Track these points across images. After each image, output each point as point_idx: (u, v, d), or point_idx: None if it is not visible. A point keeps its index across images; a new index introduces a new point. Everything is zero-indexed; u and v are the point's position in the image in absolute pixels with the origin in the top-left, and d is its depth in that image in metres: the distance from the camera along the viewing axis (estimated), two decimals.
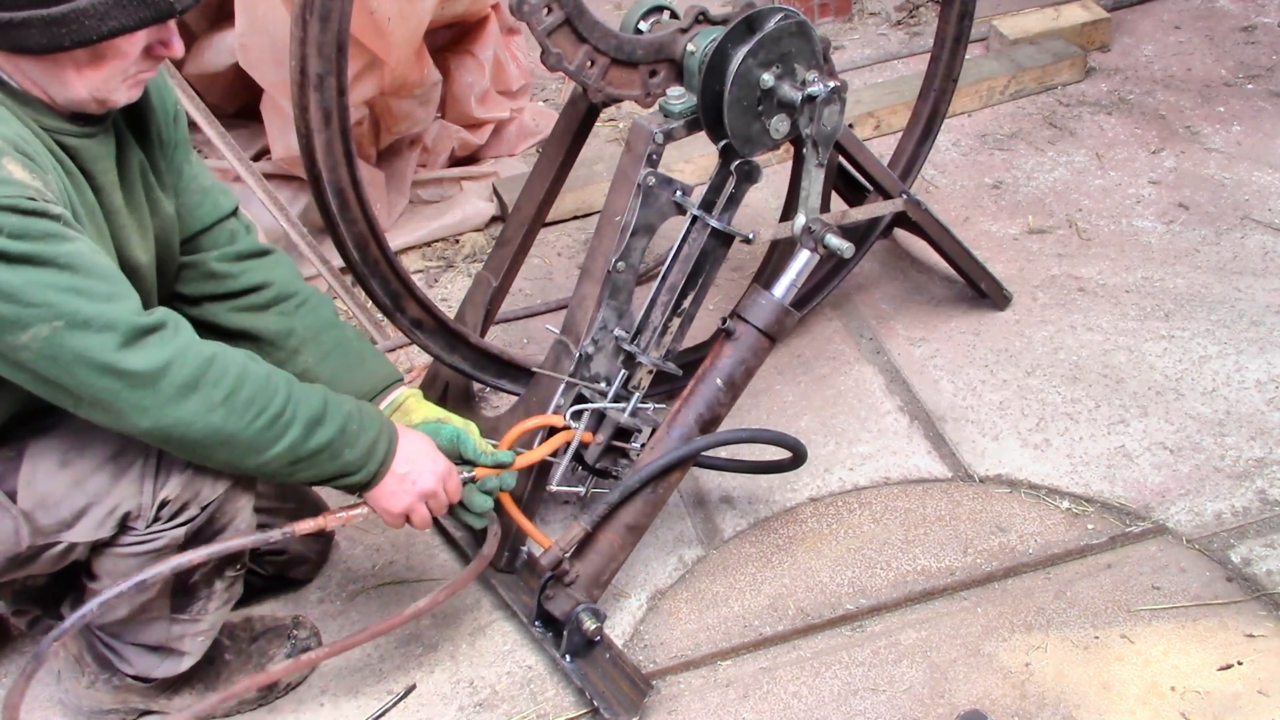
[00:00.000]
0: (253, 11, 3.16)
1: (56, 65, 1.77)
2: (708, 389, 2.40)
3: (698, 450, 2.39)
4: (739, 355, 2.41)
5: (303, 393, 1.94)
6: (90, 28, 1.72)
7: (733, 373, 2.41)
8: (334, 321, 2.28)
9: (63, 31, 1.71)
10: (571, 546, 2.29)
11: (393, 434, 2.06)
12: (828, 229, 2.44)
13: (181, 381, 1.79)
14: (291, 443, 1.91)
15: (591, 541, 2.33)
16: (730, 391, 2.41)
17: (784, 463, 2.52)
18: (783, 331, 2.43)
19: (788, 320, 2.43)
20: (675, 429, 2.39)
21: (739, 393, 2.43)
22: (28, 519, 1.93)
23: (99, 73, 1.79)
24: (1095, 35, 4.16)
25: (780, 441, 2.48)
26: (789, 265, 2.45)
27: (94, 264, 1.76)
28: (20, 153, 1.74)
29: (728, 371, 2.40)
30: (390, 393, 2.26)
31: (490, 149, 3.88)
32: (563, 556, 2.27)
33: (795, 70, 2.38)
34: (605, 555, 2.33)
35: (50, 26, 1.71)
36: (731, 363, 2.41)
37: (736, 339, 2.41)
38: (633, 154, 2.41)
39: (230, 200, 2.25)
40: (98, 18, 1.71)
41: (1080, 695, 2.23)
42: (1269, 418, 2.78)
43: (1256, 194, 3.47)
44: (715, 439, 2.40)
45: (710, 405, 2.39)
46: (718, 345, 2.43)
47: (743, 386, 2.43)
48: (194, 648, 2.19)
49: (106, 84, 1.81)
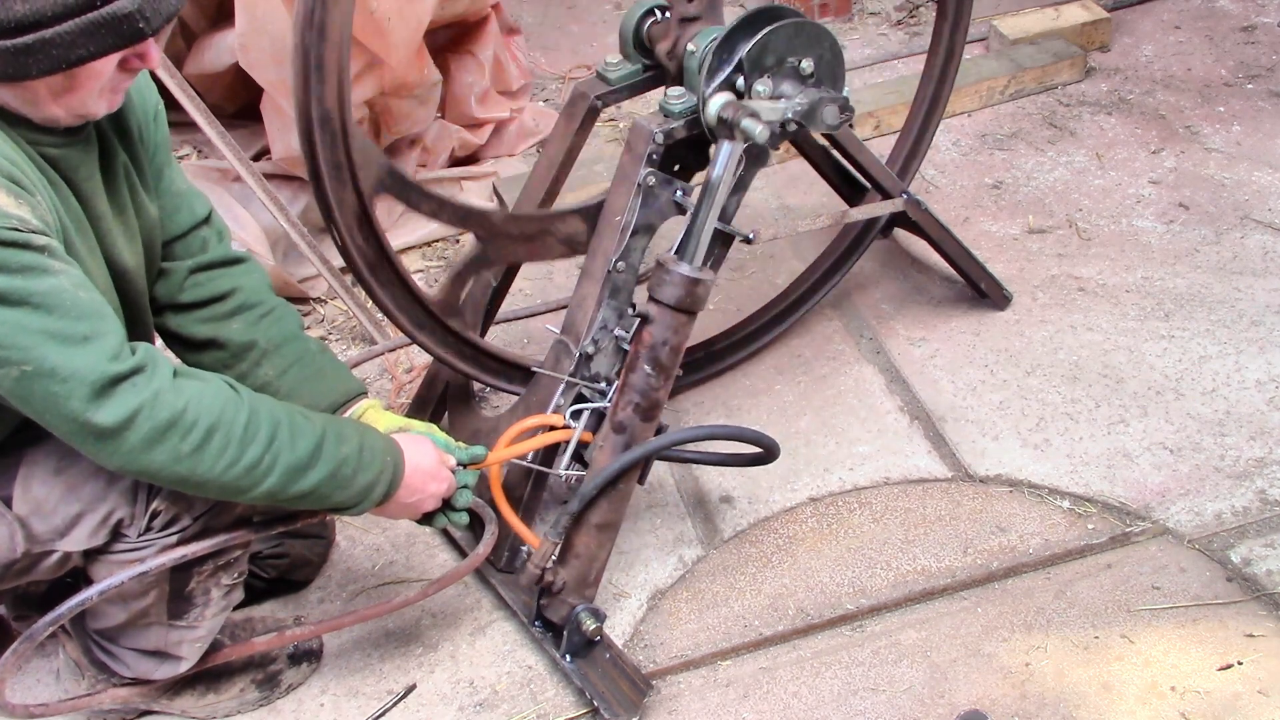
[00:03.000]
0: (253, 11, 3.16)
1: (29, 90, 1.73)
2: (638, 377, 2.34)
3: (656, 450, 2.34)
4: (660, 336, 2.32)
5: (290, 437, 1.89)
6: (58, 56, 1.68)
7: (657, 355, 2.33)
8: (297, 334, 2.25)
9: (29, 61, 1.67)
10: (546, 561, 2.27)
11: (396, 472, 2.05)
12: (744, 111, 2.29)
13: (146, 435, 1.75)
14: (269, 490, 1.88)
15: (569, 548, 2.32)
16: (661, 374, 2.34)
17: (755, 456, 2.46)
18: (696, 302, 2.33)
19: (699, 290, 2.32)
20: (617, 423, 2.35)
21: (671, 373, 2.36)
22: (23, 525, 1.93)
23: (73, 95, 1.76)
24: (1095, 35, 4.16)
25: (747, 438, 2.42)
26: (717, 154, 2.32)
27: (74, 301, 1.70)
28: (7, 177, 1.70)
29: (652, 355, 2.33)
30: (351, 406, 2.25)
31: (490, 149, 3.88)
32: (540, 573, 2.26)
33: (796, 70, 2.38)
34: (585, 558, 2.32)
35: (17, 56, 1.66)
36: (653, 346, 2.33)
37: (653, 321, 2.33)
38: (633, 154, 2.41)
39: (204, 205, 2.23)
40: (65, 46, 1.67)
41: (1080, 695, 2.23)
42: (1269, 418, 2.78)
43: (1256, 194, 3.47)
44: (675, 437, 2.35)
45: (644, 393, 2.34)
46: (637, 332, 2.36)
47: (673, 366, 2.36)
48: (191, 653, 2.19)
49: (83, 103, 1.78)
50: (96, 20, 1.67)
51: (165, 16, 1.75)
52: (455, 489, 2.18)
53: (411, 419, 2.25)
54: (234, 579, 2.18)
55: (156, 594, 2.08)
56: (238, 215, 3.28)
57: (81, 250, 1.84)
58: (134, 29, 1.71)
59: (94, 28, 1.67)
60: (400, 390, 3.09)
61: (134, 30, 1.71)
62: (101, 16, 1.67)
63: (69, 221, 1.82)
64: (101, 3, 1.67)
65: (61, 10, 1.65)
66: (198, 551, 2.01)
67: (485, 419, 2.68)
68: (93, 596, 1.97)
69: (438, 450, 2.15)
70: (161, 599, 2.10)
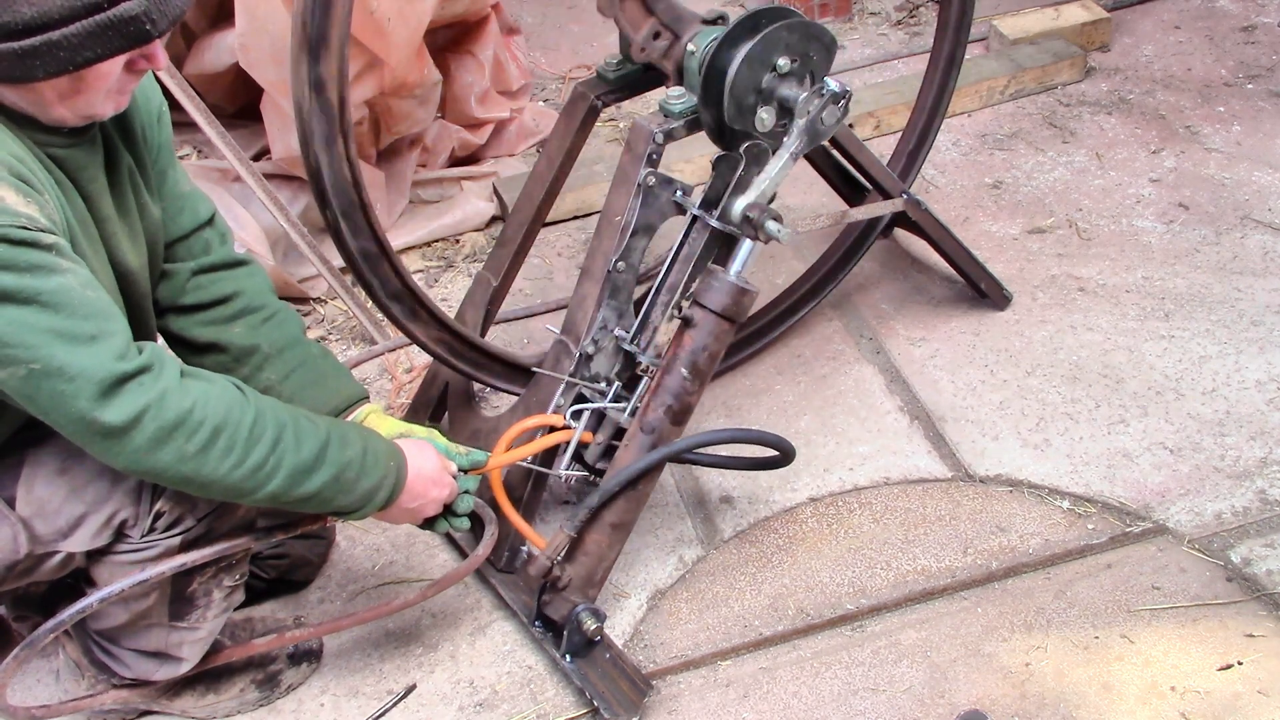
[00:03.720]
0: (253, 11, 3.16)
1: (35, 91, 1.73)
2: (673, 380, 2.35)
3: (678, 452, 2.36)
4: (700, 341, 2.35)
5: (295, 439, 1.89)
6: (64, 59, 1.67)
7: (695, 360, 2.35)
8: (300, 339, 2.25)
9: (36, 63, 1.67)
10: (558, 554, 2.28)
11: (399, 478, 2.05)
12: (767, 214, 2.35)
13: (152, 434, 1.75)
14: (273, 492, 1.88)
15: (579, 545, 2.32)
16: (697, 379, 2.36)
17: (771, 460, 2.49)
18: (740, 312, 2.37)
19: (745, 300, 2.36)
20: (646, 423, 2.36)
21: (706, 379, 2.38)
22: (26, 526, 1.93)
23: (80, 97, 1.76)
24: (1095, 35, 4.16)
25: (766, 441, 2.44)
26: (738, 250, 2.40)
27: (81, 300, 1.70)
28: (15, 175, 1.70)
29: (690, 359, 2.35)
30: (353, 410, 2.25)
31: (490, 149, 3.88)
32: (550, 565, 2.26)
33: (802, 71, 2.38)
34: (595, 556, 2.32)
35: (23, 59, 1.66)
36: (693, 350, 2.35)
37: (696, 325, 2.36)
38: (633, 154, 2.41)
39: (208, 207, 2.22)
40: (71, 49, 1.67)
41: (1080, 695, 2.23)
42: (1269, 418, 2.78)
43: (1256, 194, 3.47)
44: (697, 440, 2.37)
45: (678, 395, 2.36)
46: (678, 334, 2.38)
47: (709, 372, 2.38)
48: (191, 654, 2.19)
49: (89, 104, 1.78)
50: (103, 22, 1.67)
51: (172, 18, 1.74)
52: (457, 494, 2.18)
53: (413, 424, 2.25)
54: (235, 580, 2.18)
55: (158, 595, 2.08)
56: (238, 215, 3.28)
57: (86, 251, 1.84)
58: (141, 31, 1.70)
59: (101, 30, 1.67)
60: (400, 390, 3.09)
61: (141, 32, 1.71)
62: (108, 19, 1.67)
63: (75, 222, 1.82)
64: (108, 5, 1.67)
65: (68, 13, 1.65)
66: (198, 559, 2.01)
67: (485, 419, 2.68)
68: (93, 604, 1.96)
69: (440, 456, 2.15)
70: (163, 600, 2.10)
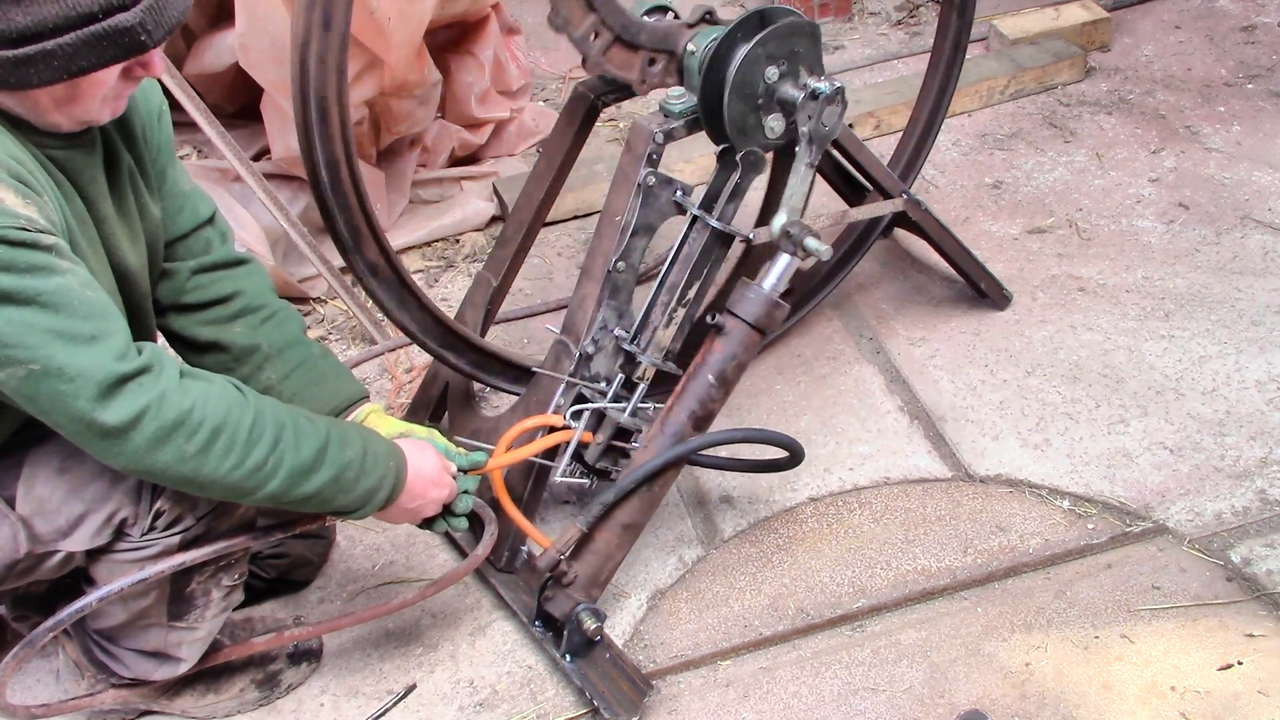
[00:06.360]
0: (253, 11, 3.16)
1: (30, 98, 1.73)
2: (699, 386, 2.38)
3: (693, 450, 2.38)
4: (730, 350, 2.38)
5: (294, 439, 1.89)
6: (59, 67, 1.67)
7: (724, 368, 2.38)
8: (300, 338, 2.25)
9: (30, 71, 1.66)
10: (568, 548, 2.29)
11: (398, 478, 2.05)
12: (806, 231, 2.40)
13: (152, 434, 1.75)
14: (273, 492, 1.88)
15: (588, 542, 2.33)
16: (722, 387, 2.39)
17: (781, 461, 2.51)
18: (772, 324, 2.40)
19: (777, 313, 2.40)
20: (668, 426, 2.38)
21: (731, 388, 2.41)
22: (26, 525, 1.93)
23: (76, 104, 1.75)
24: (1095, 35, 4.16)
25: (777, 441, 2.46)
26: (773, 263, 2.43)
27: (81, 300, 1.70)
28: (14, 177, 1.70)
29: (719, 367, 2.38)
30: (353, 410, 2.25)
31: (490, 149, 3.88)
32: (560, 558, 2.27)
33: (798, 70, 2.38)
34: (602, 555, 2.33)
35: (18, 66, 1.66)
36: (722, 358, 2.38)
37: (727, 334, 2.38)
38: (633, 154, 2.41)
39: (208, 206, 2.22)
40: (66, 58, 1.66)
41: (1080, 695, 2.23)
42: (1269, 418, 2.78)
43: (1256, 194, 3.47)
44: (710, 439, 2.40)
45: (702, 402, 2.38)
46: (708, 341, 2.41)
47: (735, 381, 2.41)
48: (190, 654, 2.19)
49: (85, 111, 1.78)
50: (98, 33, 1.66)
51: (168, 28, 1.74)
52: (456, 494, 2.18)
53: (413, 424, 2.25)
54: (234, 580, 2.18)
55: (157, 595, 2.08)
56: (238, 215, 3.28)
57: (86, 251, 1.84)
58: (136, 41, 1.70)
59: (96, 40, 1.67)
60: (400, 390, 3.09)
61: (136, 43, 1.70)
62: (103, 29, 1.67)
63: (74, 223, 1.82)
64: (103, 15, 1.66)
65: (63, 22, 1.64)
66: (197, 558, 2.01)
67: (485, 419, 2.68)
68: (92, 603, 1.96)
69: (439, 456, 2.15)
70: (162, 600, 2.10)
